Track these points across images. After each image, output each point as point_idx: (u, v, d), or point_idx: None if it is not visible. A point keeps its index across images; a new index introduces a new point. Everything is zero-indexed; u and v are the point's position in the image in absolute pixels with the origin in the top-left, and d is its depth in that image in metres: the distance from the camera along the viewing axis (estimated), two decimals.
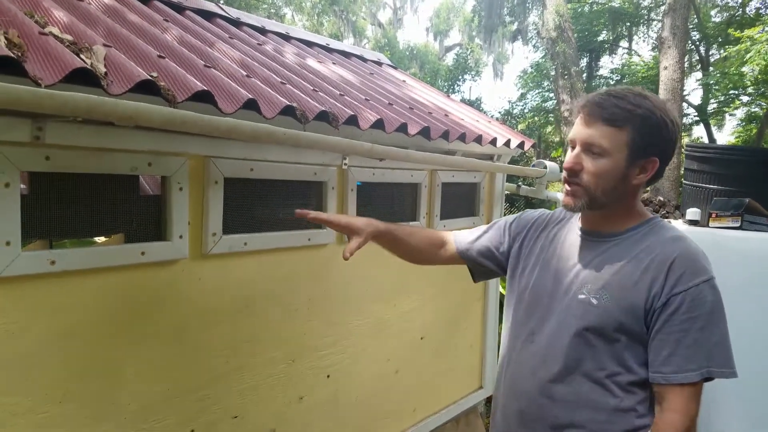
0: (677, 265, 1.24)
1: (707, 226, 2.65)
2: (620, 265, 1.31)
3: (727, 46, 12.24)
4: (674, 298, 1.23)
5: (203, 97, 1.42)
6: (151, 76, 1.33)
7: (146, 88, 1.29)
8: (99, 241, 2.02)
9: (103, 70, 1.27)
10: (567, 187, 1.34)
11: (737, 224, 2.61)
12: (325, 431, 2.19)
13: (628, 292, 1.27)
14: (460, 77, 20.40)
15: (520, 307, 1.48)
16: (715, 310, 1.23)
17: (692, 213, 2.77)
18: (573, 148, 1.33)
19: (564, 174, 1.35)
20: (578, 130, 1.31)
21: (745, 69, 10.79)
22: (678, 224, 2.78)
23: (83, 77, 1.19)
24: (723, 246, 2.46)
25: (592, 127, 1.28)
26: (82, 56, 1.27)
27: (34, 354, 1.36)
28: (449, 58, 24.80)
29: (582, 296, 1.32)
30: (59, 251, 1.37)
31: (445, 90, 18.36)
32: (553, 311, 1.37)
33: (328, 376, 2.17)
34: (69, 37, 1.34)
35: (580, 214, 1.44)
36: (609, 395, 1.30)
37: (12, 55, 1.08)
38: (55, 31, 1.34)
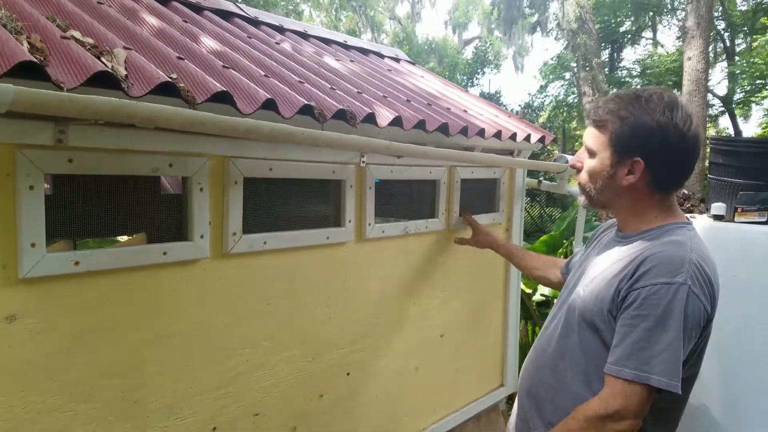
0: (647, 262, 1.23)
1: (733, 221, 2.59)
2: (613, 261, 1.33)
3: (755, 35, 11.95)
4: (632, 293, 1.22)
5: (222, 98, 1.43)
6: (171, 77, 1.34)
7: (166, 90, 1.30)
8: (121, 241, 2.05)
9: (124, 72, 1.28)
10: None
11: (764, 219, 2.54)
12: (346, 429, 2.20)
13: (604, 284, 1.30)
14: (479, 70, 20.22)
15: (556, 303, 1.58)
16: (668, 316, 1.17)
17: (717, 208, 2.71)
18: None
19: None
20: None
21: None
22: (703, 219, 2.72)
23: (104, 80, 1.20)
24: (749, 242, 2.41)
25: (587, 129, 1.39)
26: (103, 59, 1.28)
27: (59, 353, 1.38)
28: (468, 52, 24.62)
29: (579, 288, 1.40)
30: (83, 252, 1.39)
31: (464, 83, 18.22)
32: (566, 302, 1.45)
33: (348, 374, 2.18)
34: (90, 41, 1.36)
35: None
36: (587, 388, 1.32)
37: (35, 59, 1.10)
38: (77, 34, 1.35)
